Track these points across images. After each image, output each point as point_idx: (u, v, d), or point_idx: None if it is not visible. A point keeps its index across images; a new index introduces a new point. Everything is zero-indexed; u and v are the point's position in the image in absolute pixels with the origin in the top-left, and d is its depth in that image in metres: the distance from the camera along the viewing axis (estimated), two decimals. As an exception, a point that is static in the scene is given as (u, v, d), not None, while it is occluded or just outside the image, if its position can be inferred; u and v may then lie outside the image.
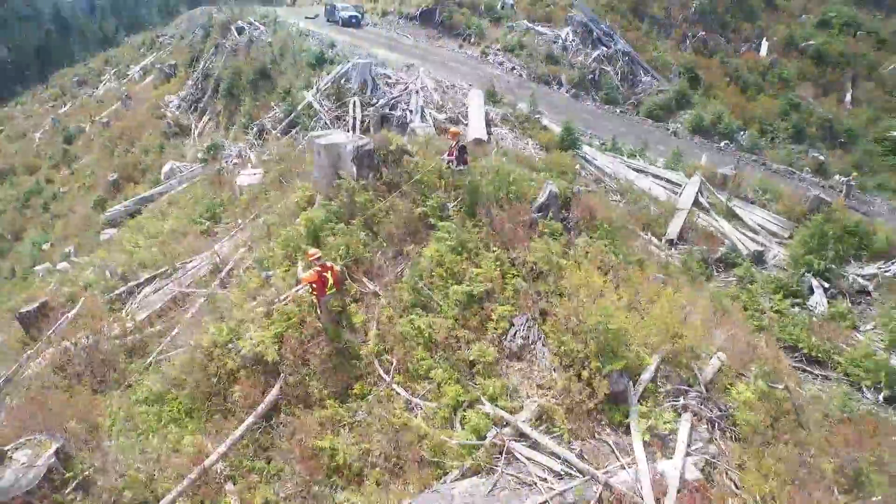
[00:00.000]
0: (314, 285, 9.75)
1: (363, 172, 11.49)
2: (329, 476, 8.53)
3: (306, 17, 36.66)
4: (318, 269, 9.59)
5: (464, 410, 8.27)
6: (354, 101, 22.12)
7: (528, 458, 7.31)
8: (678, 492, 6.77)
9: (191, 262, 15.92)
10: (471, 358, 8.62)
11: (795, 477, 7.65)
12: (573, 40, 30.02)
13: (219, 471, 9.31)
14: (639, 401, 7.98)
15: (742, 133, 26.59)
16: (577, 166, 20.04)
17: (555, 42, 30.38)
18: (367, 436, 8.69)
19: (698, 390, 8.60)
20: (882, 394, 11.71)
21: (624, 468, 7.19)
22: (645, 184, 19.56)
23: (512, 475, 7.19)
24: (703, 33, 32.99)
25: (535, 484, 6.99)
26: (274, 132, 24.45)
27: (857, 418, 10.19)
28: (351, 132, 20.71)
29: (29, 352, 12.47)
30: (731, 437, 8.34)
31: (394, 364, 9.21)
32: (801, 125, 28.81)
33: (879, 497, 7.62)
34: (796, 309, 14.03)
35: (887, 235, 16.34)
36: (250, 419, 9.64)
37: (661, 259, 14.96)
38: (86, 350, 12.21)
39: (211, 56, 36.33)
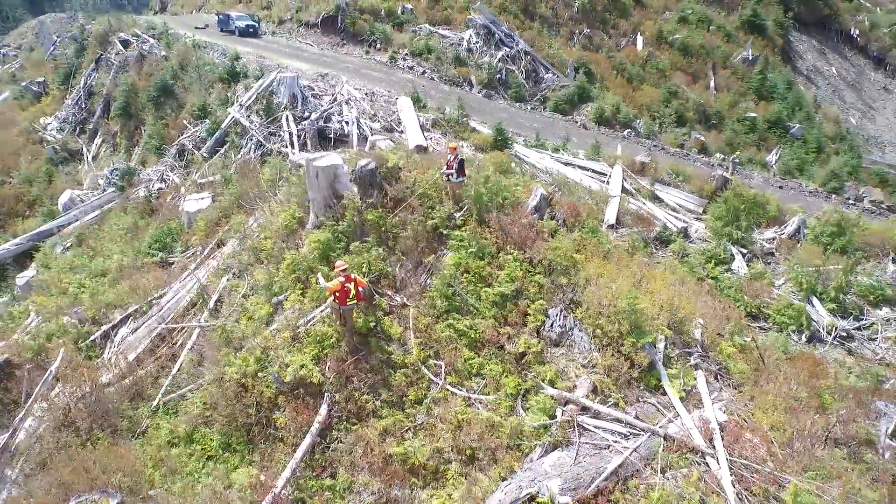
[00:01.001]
0: (337, 294, 10.25)
1: (367, 191, 12.09)
2: (406, 479, 9.25)
3: (196, 28, 35.03)
4: (342, 279, 10.12)
5: (523, 398, 9.40)
6: (287, 116, 22.04)
7: (596, 427, 8.64)
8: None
9: (162, 296, 15.43)
10: (519, 350, 9.77)
11: (786, 407, 9.67)
12: (476, 42, 31.74)
13: (285, 496, 9.66)
14: (664, 365, 9.62)
15: (638, 121, 29.85)
16: (513, 164, 21.69)
17: (459, 44, 31.89)
18: (434, 436, 9.53)
19: (698, 351, 10.42)
20: (804, 335, 14.46)
21: (671, 421, 8.77)
22: (576, 175, 21.62)
23: (587, 443, 8.48)
24: (588, 30, 36.26)
25: (611, 446, 8.35)
26: (199, 153, 23.61)
27: (799, 356, 12.69)
28: (291, 148, 20.78)
29: (20, 415, 11.63)
30: (730, 384, 10.24)
31: (443, 367, 10.08)
32: (681, 110, 32.82)
33: (843, 411, 9.84)
34: (728, 274, 16.65)
35: (777, 204, 19.70)
36: (308, 440, 10.05)
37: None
38: (86, 403, 11.70)
39: (91, 72, 33.62)
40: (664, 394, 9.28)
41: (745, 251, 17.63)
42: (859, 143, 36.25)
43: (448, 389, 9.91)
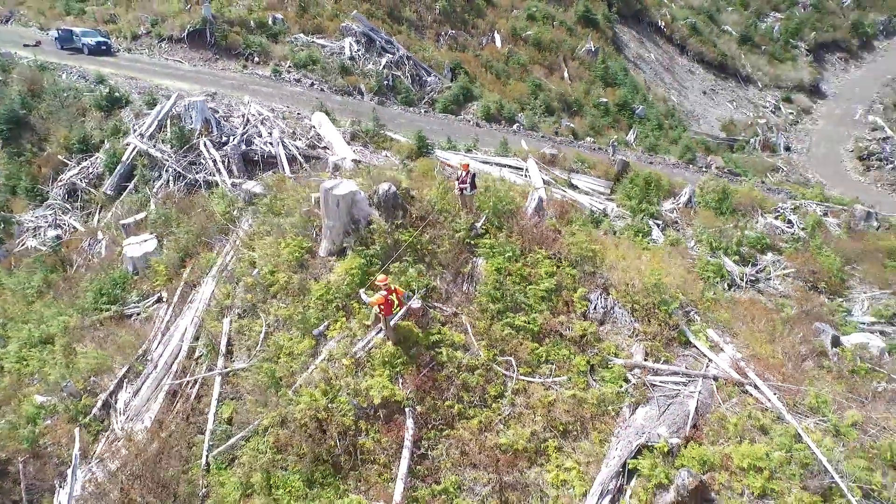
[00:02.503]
0: (381, 307, 11.19)
1: (391, 213, 12.92)
2: (513, 465, 10.59)
3: (25, 45, 30.86)
4: (385, 292, 11.08)
5: (591, 373, 11.25)
6: (205, 143, 21.18)
7: (662, 382, 10.79)
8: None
9: (146, 352, 14.58)
10: (578, 334, 11.57)
11: (765, 339, 12.71)
12: (358, 50, 32.46)
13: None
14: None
15: (520, 115, 33.01)
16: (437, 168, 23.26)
17: (340, 53, 32.36)
18: (524, 422, 10.98)
19: (694, 309, 13.10)
20: (726, 282, 18.21)
21: (708, 366, 11.25)
22: (497, 172, 23.83)
23: (661, 396, 10.60)
24: (453, 31, 38.72)
25: (679, 394, 10.55)
26: (99, 191, 21.60)
27: (739, 301, 16.15)
28: (219, 176, 20.17)
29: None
30: (721, 330, 13.05)
31: (513, 361, 11.53)
32: (547, 101, 36.75)
33: (800, 335, 13.18)
34: (652, 244, 20.02)
35: (668, 179, 23.79)
36: (406, 453, 10.87)
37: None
38: (134, 476, 11.19)
39: None
40: (694, 346, 11.76)
41: (658, 222, 21.23)
42: (683, 118, 43.55)
43: (523, 380, 11.39)
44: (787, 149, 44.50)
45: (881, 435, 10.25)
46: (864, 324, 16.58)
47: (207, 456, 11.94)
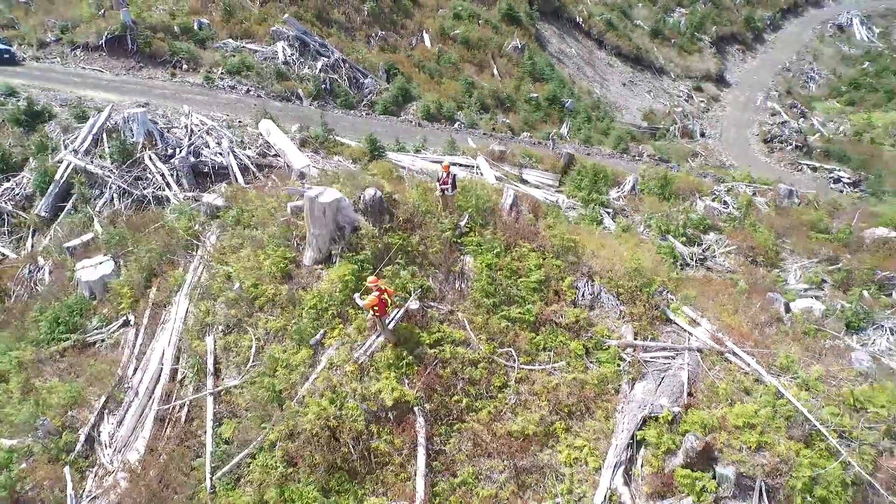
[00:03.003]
0: (376, 308, 11.52)
1: (378, 217, 13.16)
2: (525, 449, 11.18)
3: None
4: (377, 293, 11.43)
5: (587, 355, 12.05)
6: (150, 156, 20.36)
7: (653, 358, 11.74)
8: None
9: (121, 379, 14.02)
10: (571, 320, 12.32)
11: (735, 311, 14.02)
12: (293, 54, 32.01)
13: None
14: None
15: (459, 114, 33.75)
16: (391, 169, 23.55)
17: (274, 58, 31.79)
18: (531, 408, 11.61)
19: (666, 288, 14.24)
20: (678, 262, 19.69)
21: (690, 339, 12.33)
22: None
23: (654, 370, 11.54)
24: (383, 32, 38.89)
25: (670, 367, 11.55)
26: (31, 214, 20.22)
27: (695, 278, 17.58)
28: (169, 190, 19.54)
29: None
30: (693, 306, 14.24)
31: (513, 352, 12.13)
32: (482, 98, 37.72)
33: (759, 305, 14.63)
34: (606, 231, 21.28)
35: (612, 169, 25.26)
36: (422, 451, 11.24)
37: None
38: (141, 506, 10.90)
39: None
40: (674, 323, 12.83)
41: (609, 211, 22.57)
42: (609, 109, 45.94)
43: (524, 369, 12.01)
44: (702, 135, 47.94)
45: (840, 384, 11.69)
46: (799, 291, 18.50)
47: (212, 478, 11.74)
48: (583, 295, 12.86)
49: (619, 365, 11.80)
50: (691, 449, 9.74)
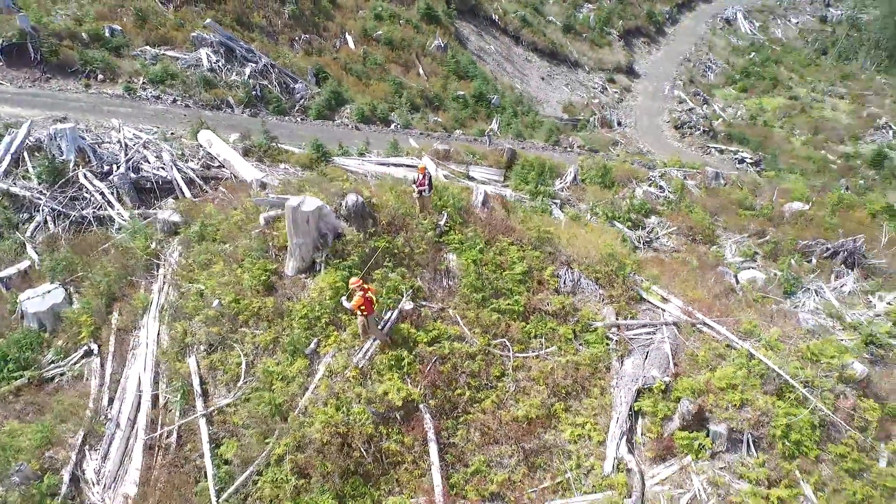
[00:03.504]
0: (363, 308, 11.85)
1: (362, 222, 13.37)
2: (530, 432, 11.85)
3: None
4: (361, 292, 11.78)
5: (576, 338, 12.90)
6: (84, 174, 19.29)
7: (636, 335, 12.75)
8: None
9: (96, 412, 13.40)
10: (557, 307, 13.11)
11: (695, 286, 15.39)
12: (217, 61, 31.06)
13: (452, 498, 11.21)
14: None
15: (393, 115, 34.03)
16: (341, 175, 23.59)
17: (197, 66, 30.71)
18: (530, 394, 12.29)
19: (632, 270, 15.39)
20: (628, 244, 21.09)
21: (664, 315, 13.48)
22: (399, 173, 24.76)
23: (639, 346, 12.54)
24: (306, 35, 38.42)
25: (651, 341, 12.59)
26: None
27: (646, 260, 18.98)
28: (112, 208, 18.68)
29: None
30: (661, 284, 15.46)
31: (506, 342, 12.77)
32: (411, 98, 38.17)
33: (713, 279, 16.12)
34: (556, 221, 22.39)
35: (552, 162, 26.52)
36: (433, 446, 11.64)
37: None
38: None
39: None
40: (647, 301, 13.95)
41: (556, 201, 23.73)
42: (532, 103, 47.71)
43: (519, 357, 12.67)
44: (619, 124, 50.82)
45: (795, 342, 13.21)
46: (736, 264, 20.42)
47: (218, 501, 11.56)
48: (564, 282, 13.70)
49: (607, 344, 12.73)
50: (687, 412, 10.79)
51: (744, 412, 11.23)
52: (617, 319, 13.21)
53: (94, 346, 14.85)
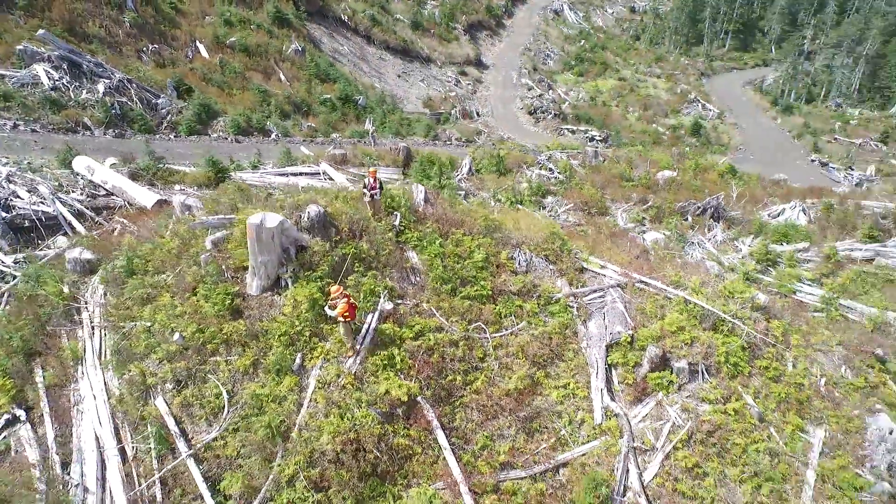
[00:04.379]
0: (347, 315, 12.39)
1: (324, 232, 13.54)
2: (522, 401, 13.02)
3: None
4: (345, 299, 12.36)
5: (541, 311, 14.29)
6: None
7: (591, 300, 14.45)
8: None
9: (49, 483, 12.21)
10: (518, 287, 14.36)
11: (619, 252, 17.54)
12: (61, 78, 28.13)
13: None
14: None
15: (270, 124, 33.24)
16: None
17: (37, 84, 27.58)
18: (513, 368, 13.45)
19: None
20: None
21: (606, 280, 15.37)
22: (303, 182, 24.59)
23: (597, 309, 14.25)
24: (155, 46, 35.93)
25: (605, 304, 14.36)
26: None
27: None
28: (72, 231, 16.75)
29: None
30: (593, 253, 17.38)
31: (482, 325, 13.80)
32: (279, 105, 37.42)
33: (628, 244, 18.48)
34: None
35: (446, 155, 27.85)
36: (441, 434, 12.35)
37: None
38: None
39: None
40: (588, 270, 15.75)
41: (461, 192, 25.13)
42: (395, 101, 48.80)
43: (496, 337, 13.73)
44: (478, 114, 53.80)
45: (711, 285, 15.81)
46: (630, 229, 23.31)
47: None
48: (519, 263, 15.00)
49: (570, 312, 14.27)
50: (655, 356, 12.65)
51: (694, 348, 13.39)
52: (571, 289, 14.82)
53: (20, 412, 13.33)
